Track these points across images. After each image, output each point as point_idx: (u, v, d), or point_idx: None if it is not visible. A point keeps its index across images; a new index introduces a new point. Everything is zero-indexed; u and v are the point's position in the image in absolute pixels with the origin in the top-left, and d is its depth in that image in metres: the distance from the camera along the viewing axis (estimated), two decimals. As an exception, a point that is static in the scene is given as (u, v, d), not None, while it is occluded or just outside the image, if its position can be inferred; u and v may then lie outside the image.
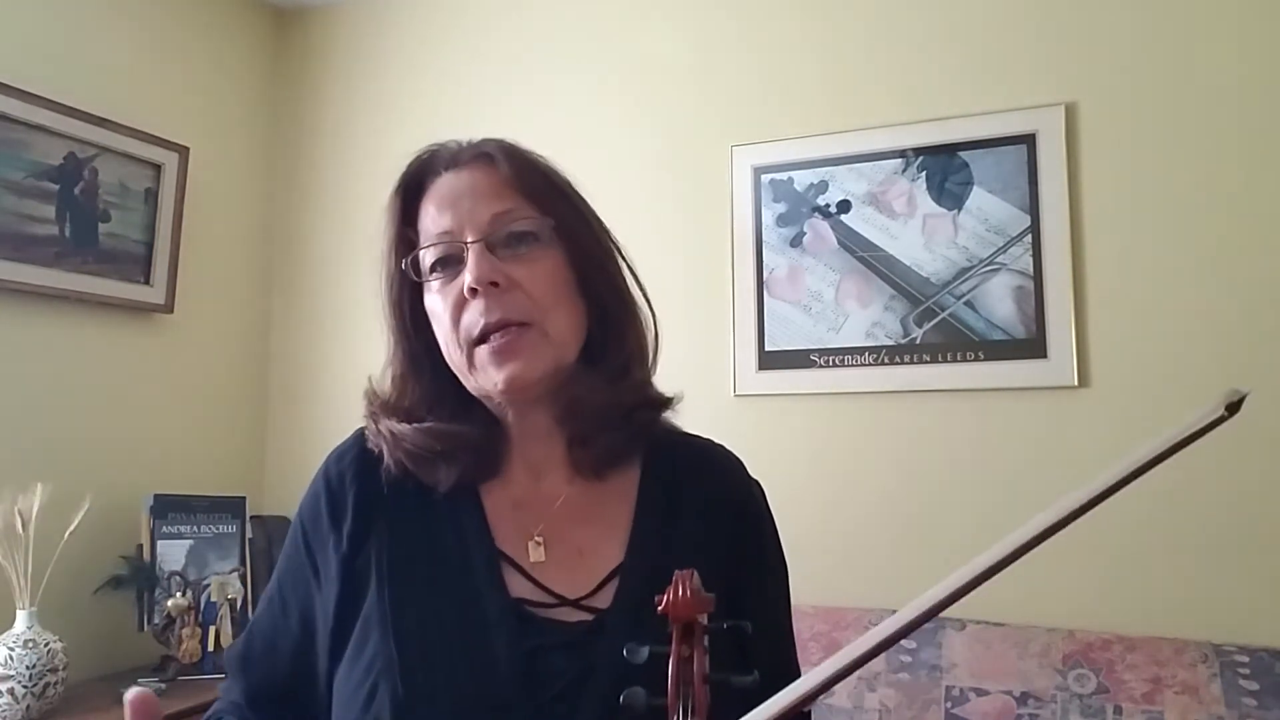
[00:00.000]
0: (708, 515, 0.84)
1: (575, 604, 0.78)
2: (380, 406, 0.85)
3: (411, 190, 0.85)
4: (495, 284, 0.78)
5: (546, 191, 0.84)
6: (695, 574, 0.65)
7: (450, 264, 0.81)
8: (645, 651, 0.64)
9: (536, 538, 0.82)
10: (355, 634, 0.79)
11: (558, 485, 0.85)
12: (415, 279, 0.82)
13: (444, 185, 0.83)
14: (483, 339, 0.79)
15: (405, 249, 0.84)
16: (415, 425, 0.82)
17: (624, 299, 0.87)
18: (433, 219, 0.82)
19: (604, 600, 0.78)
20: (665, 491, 0.85)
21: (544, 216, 0.82)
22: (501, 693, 0.72)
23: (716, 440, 0.93)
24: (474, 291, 0.77)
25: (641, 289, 0.89)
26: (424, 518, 0.82)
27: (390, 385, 0.86)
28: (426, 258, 0.81)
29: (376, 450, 0.84)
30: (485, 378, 0.80)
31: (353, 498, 0.83)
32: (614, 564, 0.80)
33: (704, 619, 0.64)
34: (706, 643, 0.64)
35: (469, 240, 0.79)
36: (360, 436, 0.88)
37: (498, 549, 0.80)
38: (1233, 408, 0.47)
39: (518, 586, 0.79)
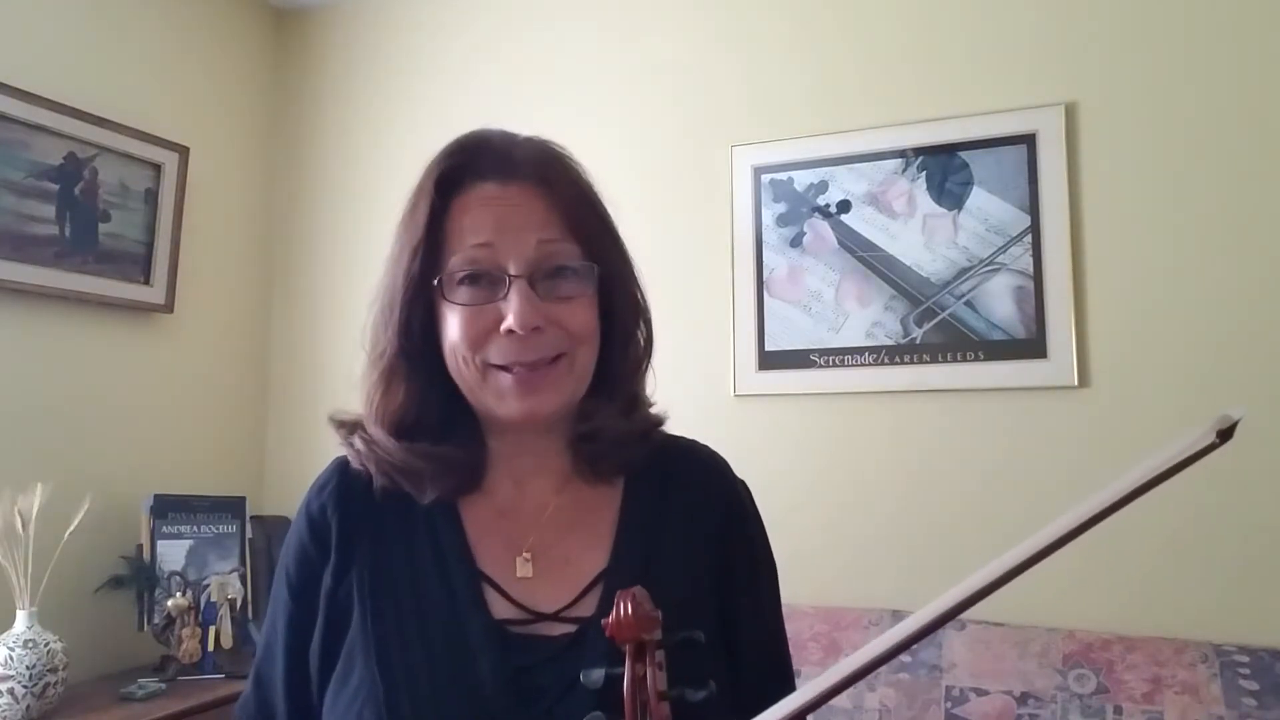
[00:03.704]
0: (694, 517, 0.84)
1: (557, 616, 0.77)
2: (364, 411, 0.82)
3: (447, 186, 0.80)
4: (537, 329, 0.75)
5: (596, 231, 0.81)
6: (638, 590, 0.63)
7: (481, 283, 0.77)
8: (600, 674, 0.63)
9: (525, 553, 0.80)
10: (340, 664, 0.77)
11: (544, 494, 0.84)
12: (442, 295, 0.78)
13: (489, 196, 0.78)
14: (506, 367, 0.76)
15: (430, 249, 0.79)
16: (402, 444, 0.80)
17: (643, 337, 0.87)
18: (472, 232, 0.77)
19: (587, 608, 0.77)
20: (651, 495, 0.84)
21: (588, 260, 0.79)
22: (489, 715, 0.71)
23: (705, 442, 0.93)
24: (511, 332, 0.75)
25: (649, 323, 0.88)
26: (405, 539, 0.81)
27: (376, 382, 0.82)
28: (458, 275, 0.77)
29: (362, 470, 0.82)
30: (497, 403, 0.78)
31: (336, 527, 0.82)
32: (597, 571, 0.79)
33: (656, 634, 0.63)
34: (661, 658, 0.63)
35: (512, 273, 0.75)
36: (338, 466, 0.86)
37: (478, 570, 0.79)
38: (1224, 434, 0.44)
39: (500, 608, 0.77)
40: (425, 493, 0.80)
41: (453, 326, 0.78)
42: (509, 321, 0.75)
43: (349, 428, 0.84)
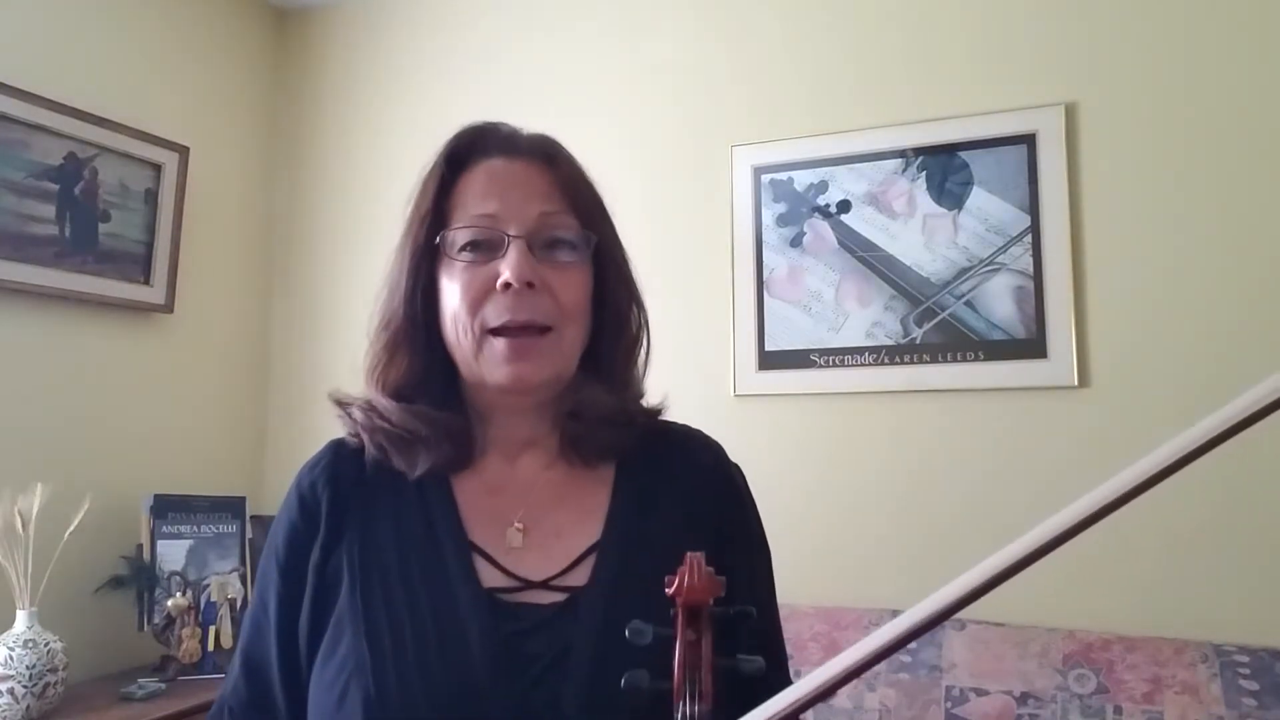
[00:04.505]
0: (687, 497, 0.85)
1: (547, 585, 0.78)
2: (365, 379, 0.85)
3: (456, 161, 0.84)
4: (531, 285, 0.78)
5: (593, 207, 0.85)
6: (702, 556, 0.63)
7: (483, 248, 0.80)
8: (650, 632, 0.62)
9: (517, 524, 0.82)
10: (328, 636, 0.78)
11: (534, 470, 0.85)
12: (445, 255, 0.82)
13: (495, 168, 0.83)
14: (500, 331, 0.79)
15: (437, 219, 0.83)
16: (402, 404, 0.82)
17: (636, 325, 0.89)
18: (477, 199, 0.81)
19: (579, 578, 0.78)
20: (644, 477, 0.85)
21: (586, 231, 0.83)
22: (478, 683, 0.72)
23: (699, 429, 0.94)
24: (507, 286, 0.78)
25: (644, 311, 0.90)
26: (396, 514, 0.82)
27: (381, 351, 0.85)
28: (460, 236, 0.81)
29: (356, 444, 0.85)
30: (490, 370, 0.80)
31: (326, 502, 0.83)
32: (589, 544, 0.80)
33: (712, 603, 0.63)
34: (711, 628, 0.63)
35: (512, 234, 0.79)
36: (331, 446, 0.88)
37: (469, 540, 0.80)
38: None
39: (490, 576, 0.78)
40: (417, 463, 0.82)
41: (452, 290, 0.81)
42: (505, 275, 0.78)
43: (348, 403, 0.86)
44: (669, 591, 0.62)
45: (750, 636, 0.82)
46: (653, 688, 0.61)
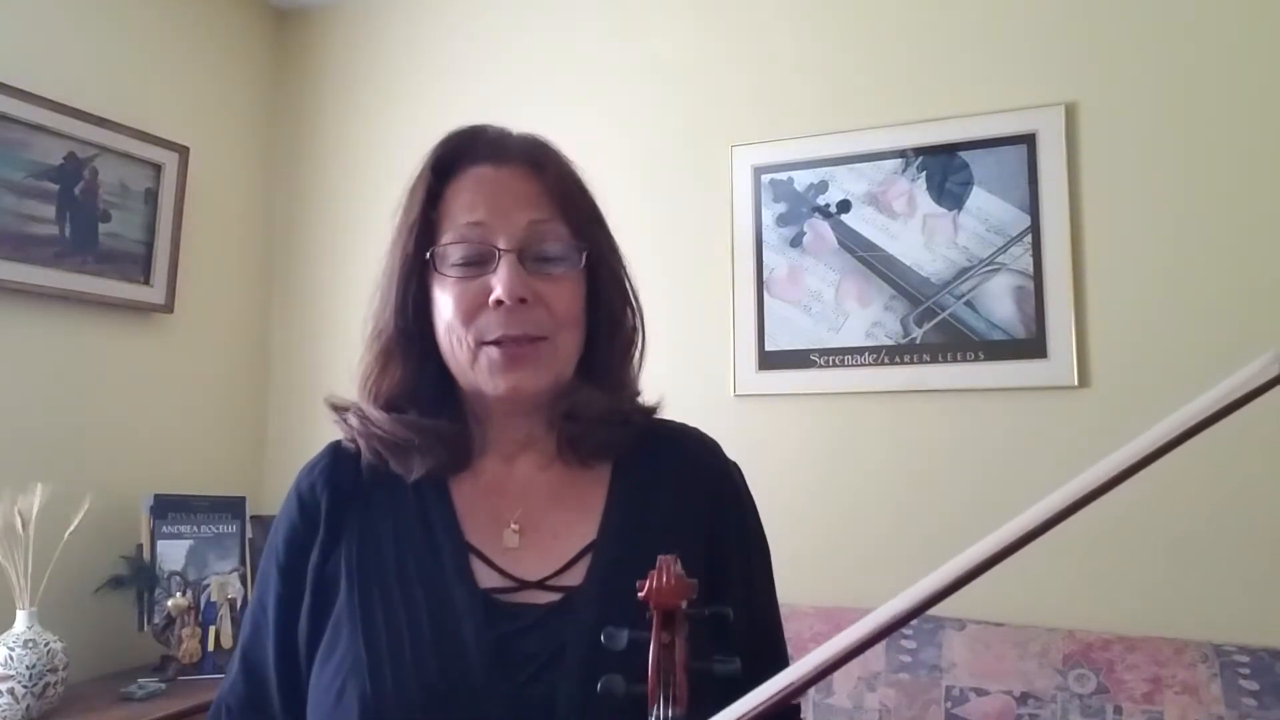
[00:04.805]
0: (683, 495, 0.85)
1: (543, 585, 0.78)
2: (358, 390, 0.85)
3: (443, 170, 0.84)
4: (523, 300, 0.78)
5: (585, 214, 0.85)
6: (678, 560, 0.64)
7: (473, 261, 0.80)
8: (625, 637, 0.62)
9: (513, 525, 0.82)
10: (326, 637, 0.79)
11: (531, 471, 0.86)
12: (435, 268, 0.81)
13: (483, 177, 0.82)
14: (495, 342, 0.79)
15: (425, 229, 0.82)
16: (393, 415, 0.82)
17: (630, 326, 0.89)
18: (465, 209, 0.81)
19: (575, 578, 0.79)
20: (640, 475, 0.85)
21: (577, 240, 0.82)
22: (472, 681, 0.72)
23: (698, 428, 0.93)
24: (500, 303, 0.77)
25: (639, 310, 0.90)
26: (394, 516, 0.82)
27: (373, 361, 0.85)
28: (452, 252, 0.80)
29: (353, 448, 0.85)
30: (486, 380, 0.80)
31: (325, 504, 0.84)
32: (586, 543, 0.81)
33: (685, 605, 0.63)
34: (687, 630, 0.63)
35: (502, 248, 0.79)
36: (330, 448, 0.88)
37: (466, 542, 0.81)
38: None
39: (487, 577, 0.79)
40: (412, 469, 0.82)
41: (445, 303, 0.80)
42: (497, 292, 0.77)
43: (344, 409, 0.87)
44: (640, 595, 0.62)
45: (748, 636, 0.82)
46: (629, 692, 0.61)
